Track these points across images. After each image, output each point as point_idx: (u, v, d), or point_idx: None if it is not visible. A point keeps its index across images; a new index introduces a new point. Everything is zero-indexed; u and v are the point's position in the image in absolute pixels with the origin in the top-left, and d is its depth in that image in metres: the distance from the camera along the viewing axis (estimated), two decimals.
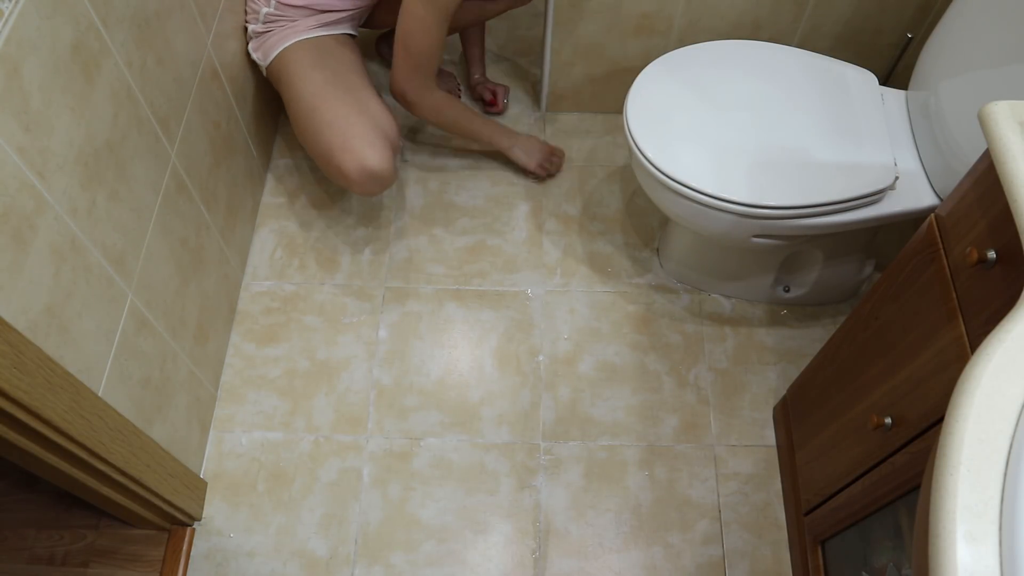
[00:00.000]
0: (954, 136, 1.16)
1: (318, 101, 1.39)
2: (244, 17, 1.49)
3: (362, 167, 1.36)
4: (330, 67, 1.43)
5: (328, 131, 1.38)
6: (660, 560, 1.31)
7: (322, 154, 1.40)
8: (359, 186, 1.40)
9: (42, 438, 0.91)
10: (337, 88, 1.40)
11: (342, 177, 1.40)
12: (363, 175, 1.38)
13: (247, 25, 1.49)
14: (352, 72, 1.45)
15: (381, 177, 1.39)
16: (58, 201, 0.91)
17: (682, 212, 1.27)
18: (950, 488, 0.53)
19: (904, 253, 0.93)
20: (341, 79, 1.42)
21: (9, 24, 0.81)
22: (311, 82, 1.41)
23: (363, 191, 1.42)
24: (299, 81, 1.42)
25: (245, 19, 1.49)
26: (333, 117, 1.38)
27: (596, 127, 1.81)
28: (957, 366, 0.79)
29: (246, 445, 1.41)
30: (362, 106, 1.40)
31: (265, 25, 1.45)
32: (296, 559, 1.30)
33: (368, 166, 1.36)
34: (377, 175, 1.38)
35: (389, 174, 1.40)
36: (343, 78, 1.43)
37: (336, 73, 1.43)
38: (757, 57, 1.37)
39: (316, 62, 1.43)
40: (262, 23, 1.45)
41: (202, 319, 1.36)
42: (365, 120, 1.38)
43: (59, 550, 1.29)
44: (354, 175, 1.38)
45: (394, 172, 1.41)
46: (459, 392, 1.46)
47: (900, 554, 0.93)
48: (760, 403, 1.45)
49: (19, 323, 0.84)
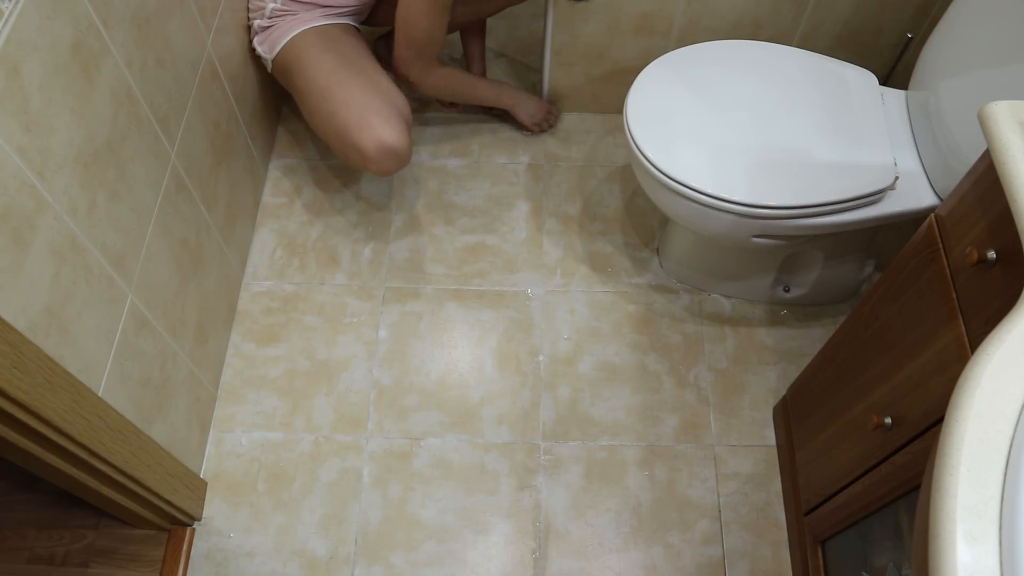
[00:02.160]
0: (954, 136, 1.16)
1: (332, 82, 1.41)
2: (247, 15, 1.50)
3: (381, 143, 1.38)
4: (339, 51, 1.45)
5: (344, 111, 1.39)
6: (660, 560, 1.31)
7: (338, 133, 1.41)
8: (376, 163, 1.41)
9: (42, 438, 0.91)
10: (349, 69, 1.42)
11: (359, 155, 1.40)
12: (382, 151, 1.39)
13: (251, 22, 1.50)
14: (361, 55, 1.48)
15: (399, 153, 1.40)
16: (58, 201, 0.91)
17: (682, 212, 1.27)
18: (950, 488, 0.53)
19: (904, 253, 0.93)
20: (352, 61, 1.44)
21: (9, 24, 0.81)
22: (323, 65, 1.42)
23: (380, 168, 1.42)
24: (310, 66, 1.44)
25: (248, 16, 1.50)
26: (348, 96, 1.39)
27: (596, 127, 1.81)
28: (957, 366, 0.79)
29: (246, 445, 1.41)
30: (375, 85, 1.42)
31: (271, 20, 1.47)
32: (296, 559, 1.30)
33: (387, 142, 1.38)
34: (395, 151, 1.40)
35: (406, 150, 1.41)
36: (353, 60, 1.45)
37: (346, 56, 1.45)
38: (757, 57, 1.37)
39: (326, 47, 1.44)
40: (267, 18, 1.47)
41: (202, 319, 1.36)
42: (380, 98, 1.40)
43: (59, 550, 1.29)
44: (372, 152, 1.39)
45: (410, 148, 1.43)
46: (459, 392, 1.46)
47: (900, 554, 0.93)
48: (760, 403, 1.45)
49: (19, 323, 0.84)
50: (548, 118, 1.76)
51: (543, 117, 1.75)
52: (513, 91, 1.72)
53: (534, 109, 1.74)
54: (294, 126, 1.80)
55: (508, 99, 1.71)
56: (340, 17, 1.50)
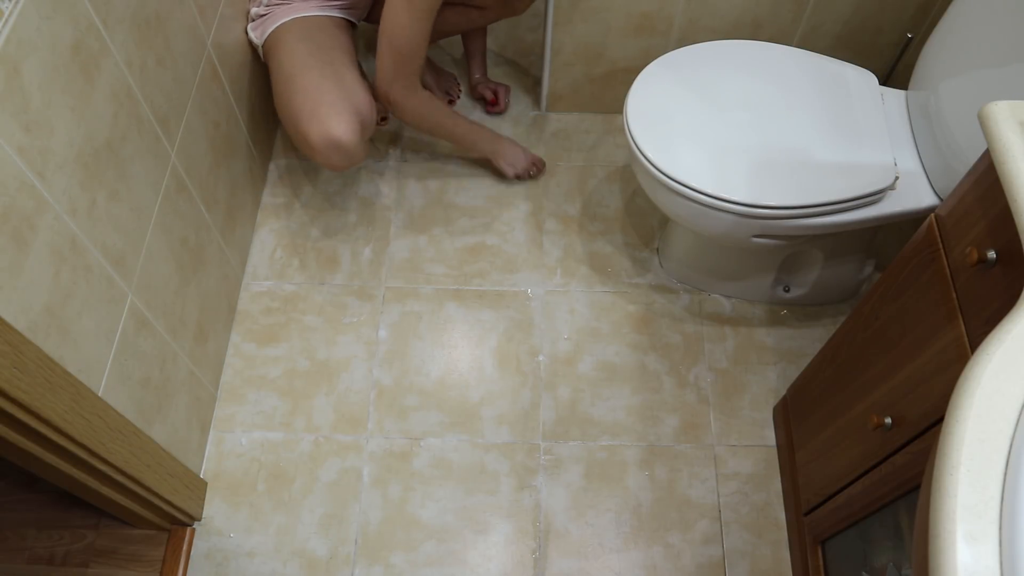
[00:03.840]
0: (954, 136, 1.16)
1: (296, 70, 1.41)
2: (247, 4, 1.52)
3: (326, 136, 1.36)
4: (316, 41, 1.45)
5: (299, 98, 1.39)
6: (660, 560, 1.31)
7: (291, 121, 1.41)
8: (322, 155, 1.39)
9: (42, 438, 0.91)
10: (317, 60, 1.42)
11: (307, 145, 1.40)
12: (326, 144, 1.37)
13: (249, 8, 1.51)
14: (337, 48, 1.47)
15: (345, 149, 1.38)
16: (58, 201, 0.91)
17: (682, 212, 1.27)
18: (950, 488, 0.53)
19: (904, 253, 0.93)
20: (324, 53, 1.44)
21: (9, 24, 0.81)
22: (295, 53, 1.43)
23: (327, 162, 1.41)
24: (283, 52, 1.44)
25: (248, 3, 1.52)
26: (306, 85, 1.39)
27: (596, 127, 1.81)
28: (957, 366, 0.79)
29: (246, 445, 1.41)
30: (338, 78, 1.41)
31: (267, 8, 1.48)
32: (296, 559, 1.30)
33: (333, 135, 1.36)
34: (341, 146, 1.37)
35: (354, 148, 1.39)
36: (326, 52, 1.44)
37: (320, 47, 1.44)
38: (757, 57, 1.37)
39: (304, 36, 1.45)
40: (264, 5, 1.48)
41: (202, 319, 1.36)
42: (337, 91, 1.38)
43: (59, 550, 1.29)
44: (317, 143, 1.37)
45: (360, 148, 1.41)
46: (459, 392, 1.46)
47: (900, 554, 0.93)
48: (760, 403, 1.45)
49: (19, 323, 0.84)
50: (531, 169, 1.68)
51: (525, 168, 1.67)
52: (494, 137, 1.63)
53: (515, 159, 1.66)
54: None
55: (487, 146, 1.63)
56: (336, 10, 1.50)
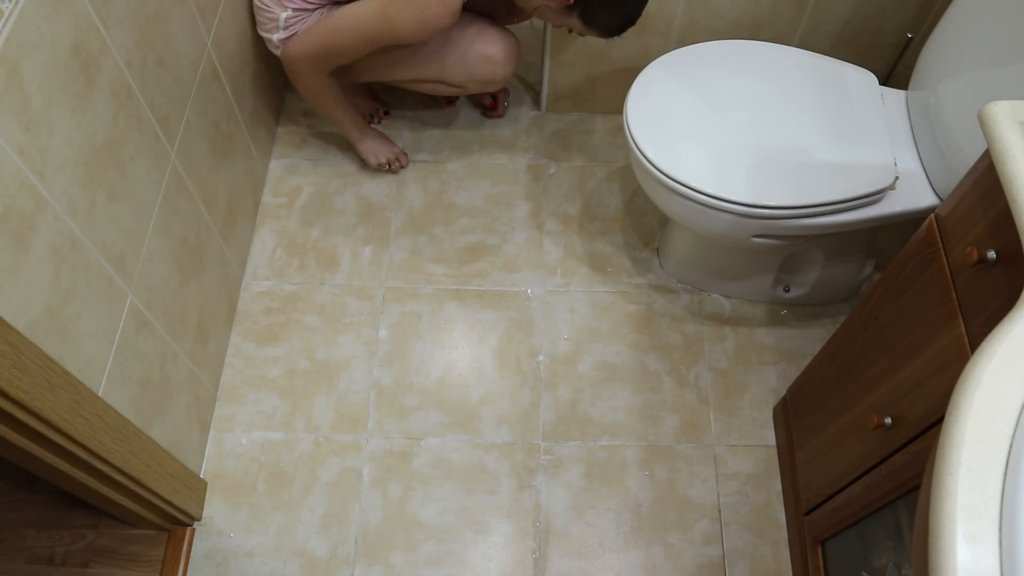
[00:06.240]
0: (954, 136, 1.16)
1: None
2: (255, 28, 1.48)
3: (506, 43, 1.48)
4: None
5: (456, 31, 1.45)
6: (660, 560, 1.31)
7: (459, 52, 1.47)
8: (504, 65, 1.49)
9: (42, 438, 0.91)
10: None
11: (488, 60, 1.48)
12: (508, 51, 1.48)
13: (268, 37, 1.46)
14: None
15: (518, 52, 1.51)
16: (58, 201, 0.91)
17: (682, 212, 1.27)
18: (950, 488, 0.53)
19: (904, 253, 0.93)
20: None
21: (9, 24, 0.81)
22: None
23: (507, 72, 1.51)
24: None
25: (259, 31, 1.47)
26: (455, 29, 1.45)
27: (596, 127, 1.81)
28: (957, 366, 0.79)
29: (246, 445, 1.41)
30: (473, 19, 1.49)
31: (286, 30, 1.43)
32: (296, 559, 1.30)
33: (511, 41, 1.48)
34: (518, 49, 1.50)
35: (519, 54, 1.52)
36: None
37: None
38: (757, 57, 1.37)
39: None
40: (283, 29, 1.43)
41: (202, 319, 1.36)
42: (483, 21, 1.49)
43: (59, 550, 1.29)
44: (500, 54, 1.48)
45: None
46: (459, 392, 1.46)
47: (900, 554, 0.93)
48: (760, 403, 1.45)
49: (19, 323, 0.84)
50: (393, 161, 1.70)
51: (388, 159, 1.69)
52: (362, 128, 1.65)
53: (377, 150, 1.68)
54: (294, 126, 1.80)
55: (352, 135, 1.65)
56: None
